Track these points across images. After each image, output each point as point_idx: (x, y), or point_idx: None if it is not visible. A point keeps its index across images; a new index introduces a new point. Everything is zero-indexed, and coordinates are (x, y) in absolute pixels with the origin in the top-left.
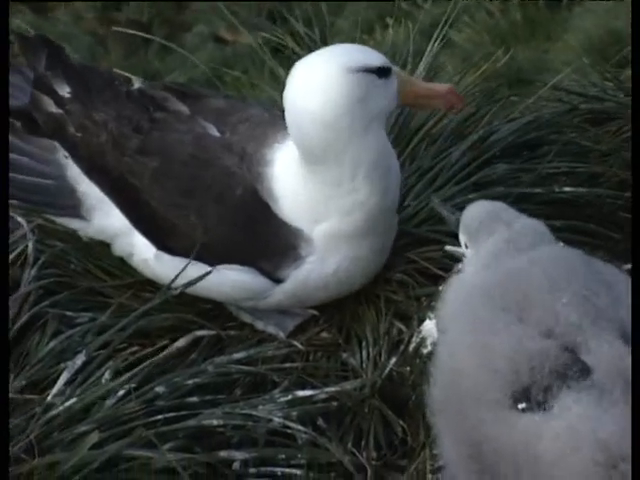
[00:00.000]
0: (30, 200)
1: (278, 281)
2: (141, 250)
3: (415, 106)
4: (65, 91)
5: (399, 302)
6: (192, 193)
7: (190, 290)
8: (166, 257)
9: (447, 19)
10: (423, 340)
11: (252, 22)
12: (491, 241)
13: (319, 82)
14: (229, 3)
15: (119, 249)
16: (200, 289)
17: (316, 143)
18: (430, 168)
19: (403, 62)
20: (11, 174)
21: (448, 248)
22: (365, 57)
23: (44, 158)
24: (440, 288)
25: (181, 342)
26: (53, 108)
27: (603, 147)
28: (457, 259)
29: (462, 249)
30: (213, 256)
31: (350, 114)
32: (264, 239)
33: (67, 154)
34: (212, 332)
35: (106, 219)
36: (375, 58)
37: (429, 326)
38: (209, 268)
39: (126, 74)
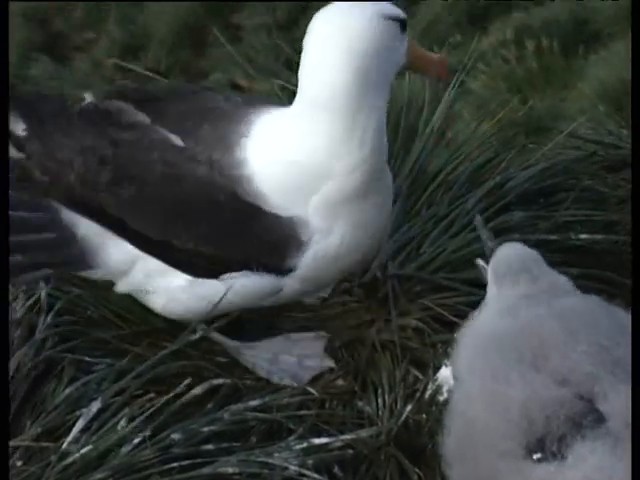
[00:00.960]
0: (36, 263)
1: (289, 271)
2: (148, 283)
3: (411, 69)
4: (20, 128)
5: (415, 349)
6: (175, 213)
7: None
8: (173, 285)
9: (463, 66)
10: (439, 388)
11: (269, 69)
12: (514, 291)
13: (353, 22)
14: (246, 50)
15: (127, 286)
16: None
17: (341, 84)
18: (446, 215)
19: (419, 109)
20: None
21: (479, 262)
22: (393, 8)
23: (37, 204)
24: (456, 335)
25: (197, 390)
26: (14, 152)
27: (620, 194)
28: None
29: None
30: (216, 268)
31: (379, 59)
32: (261, 239)
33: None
34: (228, 381)
35: (110, 259)
36: (400, 11)
37: (445, 373)
38: (218, 284)
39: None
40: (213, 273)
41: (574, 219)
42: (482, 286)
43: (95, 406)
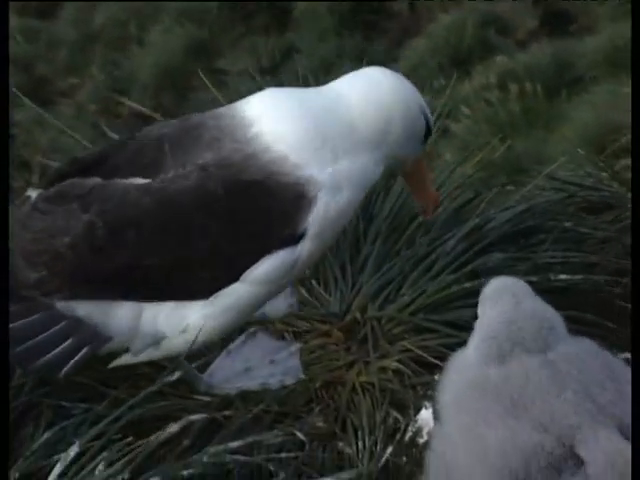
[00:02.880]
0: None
1: (302, 235)
2: (161, 331)
3: (405, 179)
4: None
5: (395, 391)
6: (184, 226)
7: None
8: (195, 317)
9: (446, 110)
10: (419, 430)
11: None
12: (494, 311)
13: (402, 89)
14: (230, 95)
15: (141, 345)
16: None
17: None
18: (426, 256)
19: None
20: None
21: None
22: (429, 114)
23: (27, 309)
24: (436, 377)
25: (174, 427)
26: None
27: (599, 235)
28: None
29: None
30: (235, 270)
31: (398, 130)
32: (275, 212)
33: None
34: (206, 415)
35: (122, 323)
36: (432, 123)
37: (425, 415)
38: (239, 285)
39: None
40: (233, 276)
41: (553, 260)
42: (463, 328)
43: (73, 450)
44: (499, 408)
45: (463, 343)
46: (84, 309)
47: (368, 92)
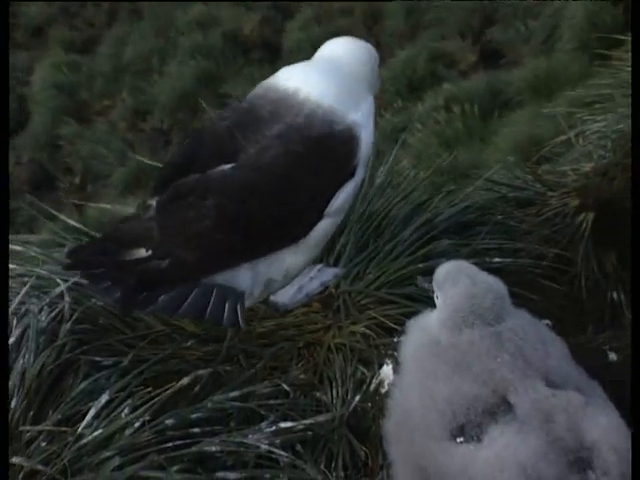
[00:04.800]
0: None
1: (355, 168)
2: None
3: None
4: (141, 253)
5: (362, 350)
6: (286, 188)
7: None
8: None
9: (402, 126)
10: (382, 382)
11: None
12: (455, 292)
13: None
14: None
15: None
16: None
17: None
18: (388, 242)
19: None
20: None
21: (419, 280)
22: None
23: (185, 290)
24: (395, 339)
25: (185, 380)
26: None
27: (524, 227)
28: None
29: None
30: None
31: (375, 73)
32: (341, 154)
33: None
34: (211, 370)
35: (246, 279)
36: None
37: (386, 370)
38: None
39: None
40: (320, 215)
41: (489, 247)
42: (417, 300)
43: (104, 398)
44: (446, 367)
45: (418, 312)
46: (221, 278)
47: (354, 53)
